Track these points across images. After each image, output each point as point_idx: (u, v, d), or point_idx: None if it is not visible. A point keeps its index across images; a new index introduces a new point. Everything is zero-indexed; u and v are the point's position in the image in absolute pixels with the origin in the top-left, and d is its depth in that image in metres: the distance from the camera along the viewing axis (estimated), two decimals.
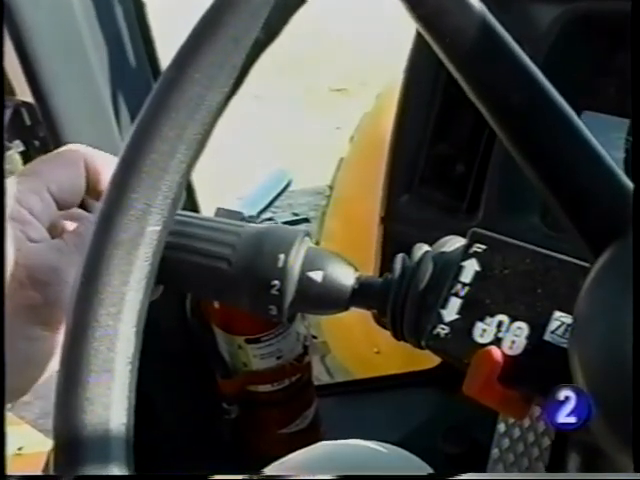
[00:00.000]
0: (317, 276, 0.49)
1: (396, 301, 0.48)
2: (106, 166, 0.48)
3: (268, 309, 0.49)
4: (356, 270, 0.50)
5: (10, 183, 0.45)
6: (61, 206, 0.47)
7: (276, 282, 0.48)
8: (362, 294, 0.49)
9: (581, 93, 0.72)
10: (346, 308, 0.50)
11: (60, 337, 0.43)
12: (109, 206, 0.37)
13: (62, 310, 0.44)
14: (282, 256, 0.48)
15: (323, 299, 0.49)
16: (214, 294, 0.57)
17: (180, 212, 0.49)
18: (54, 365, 0.45)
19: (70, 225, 0.49)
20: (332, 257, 0.50)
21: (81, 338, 0.34)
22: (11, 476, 0.38)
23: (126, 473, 0.33)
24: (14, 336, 0.43)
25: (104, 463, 0.33)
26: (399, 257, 0.49)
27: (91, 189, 0.49)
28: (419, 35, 0.38)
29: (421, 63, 0.77)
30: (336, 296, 0.49)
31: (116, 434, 0.33)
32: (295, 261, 0.48)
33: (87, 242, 0.36)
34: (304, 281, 0.49)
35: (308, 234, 0.50)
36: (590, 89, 0.73)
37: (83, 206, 0.50)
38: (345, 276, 0.49)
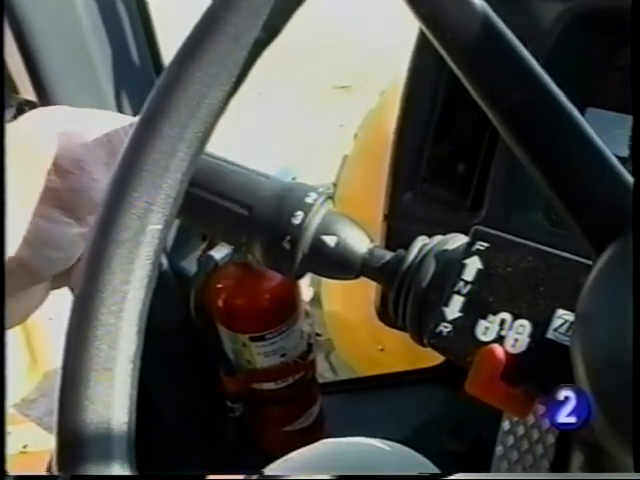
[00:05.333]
0: (331, 241, 0.49)
1: (399, 297, 0.48)
2: None
3: (279, 263, 0.50)
4: (372, 241, 0.51)
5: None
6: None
7: (289, 238, 0.49)
8: (372, 265, 0.50)
9: (585, 90, 0.72)
10: (356, 276, 0.51)
11: (81, 229, 0.49)
12: (111, 204, 0.37)
13: (82, 199, 0.49)
14: (300, 214, 0.49)
15: (333, 264, 0.50)
16: (230, 240, 0.57)
17: (210, 154, 0.50)
18: (76, 253, 0.49)
19: None
20: (349, 224, 0.51)
21: (83, 336, 0.34)
22: (12, 476, 0.38)
23: (128, 472, 0.33)
24: (36, 215, 0.48)
25: (106, 462, 0.33)
26: (420, 239, 0.50)
27: None
28: (422, 33, 0.38)
29: (424, 61, 0.77)
30: (346, 263, 0.50)
31: (118, 433, 0.33)
32: (312, 222, 0.49)
33: (123, 143, 0.38)
34: (317, 243, 0.49)
35: (331, 197, 0.51)
36: (594, 86, 0.73)
37: None
38: (358, 245, 0.50)
